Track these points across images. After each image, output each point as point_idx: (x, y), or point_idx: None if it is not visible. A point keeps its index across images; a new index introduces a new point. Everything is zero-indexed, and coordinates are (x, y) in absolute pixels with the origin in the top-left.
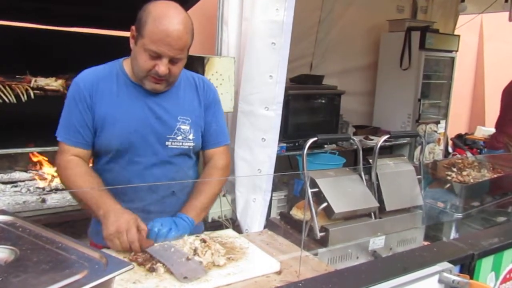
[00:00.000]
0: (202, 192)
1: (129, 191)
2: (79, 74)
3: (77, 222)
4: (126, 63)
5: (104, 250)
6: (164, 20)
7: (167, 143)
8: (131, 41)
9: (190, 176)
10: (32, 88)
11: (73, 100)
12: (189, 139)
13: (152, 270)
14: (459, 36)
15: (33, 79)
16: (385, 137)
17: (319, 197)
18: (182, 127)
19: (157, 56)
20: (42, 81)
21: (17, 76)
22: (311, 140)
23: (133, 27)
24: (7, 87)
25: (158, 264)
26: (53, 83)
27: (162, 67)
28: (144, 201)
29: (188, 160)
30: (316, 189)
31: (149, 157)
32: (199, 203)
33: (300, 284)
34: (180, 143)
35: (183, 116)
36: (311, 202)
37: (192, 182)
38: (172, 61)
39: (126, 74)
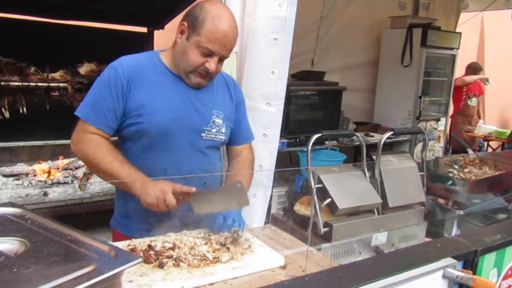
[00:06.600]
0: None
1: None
2: (117, 59)
3: (79, 215)
4: (163, 55)
5: (111, 243)
6: (223, 20)
7: (202, 134)
8: (179, 36)
9: (219, 168)
10: (33, 74)
11: (107, 84)
12: (222, 133)
13: (161, 265)
14: (460, 33)
15: (33, 68)
16: (389, 133)
17: (323, 193)
18: (216, 120)
19: (209, 54)
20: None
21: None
22: (315, 136)
23: (184, 23)
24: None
25: (167, 259)
26: (53, 73)
27: (212, 65)
28: None
29: (217, 153)
30: (320, 185)
31: (185, 147)
32: None
33: (307, 278)
34: (214, 135)
35: (217, 110)
36: (315, 197)
37: (221, 174)
38: (220, 59)
39: (165, 65)
